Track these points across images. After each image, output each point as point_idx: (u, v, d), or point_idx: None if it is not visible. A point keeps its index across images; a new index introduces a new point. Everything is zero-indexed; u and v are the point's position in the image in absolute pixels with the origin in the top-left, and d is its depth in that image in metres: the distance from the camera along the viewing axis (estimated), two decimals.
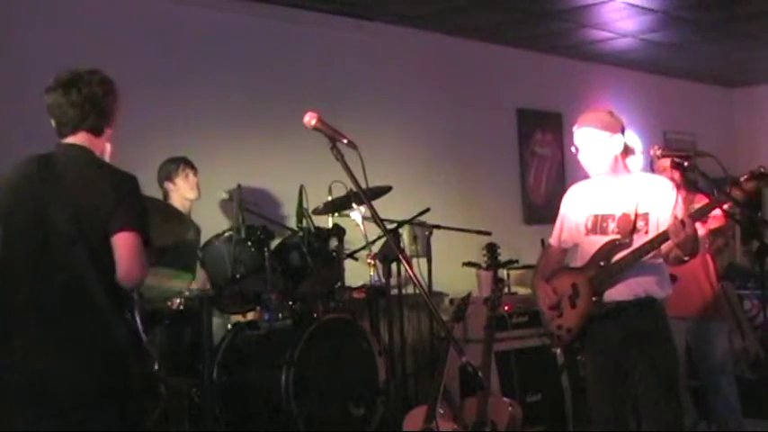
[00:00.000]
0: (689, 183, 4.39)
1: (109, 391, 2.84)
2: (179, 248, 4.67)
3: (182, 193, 4.99)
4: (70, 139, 2.98)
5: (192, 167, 5.04)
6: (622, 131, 3.82)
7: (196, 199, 5.04)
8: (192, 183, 5.01)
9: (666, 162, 4.38)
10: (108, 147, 3.07)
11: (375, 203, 3.12)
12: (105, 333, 2.84)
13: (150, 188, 4.66)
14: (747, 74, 9.24)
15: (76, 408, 2.81)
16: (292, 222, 5.14)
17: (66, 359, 2.81)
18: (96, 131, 3.00)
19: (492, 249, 5.66)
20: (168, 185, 4.99)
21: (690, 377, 4.89)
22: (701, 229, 4.40)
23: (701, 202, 4.22)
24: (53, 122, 3.00)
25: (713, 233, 4.63)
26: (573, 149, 3.87)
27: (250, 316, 4.85)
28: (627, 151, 3.86)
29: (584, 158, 3.84)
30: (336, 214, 5.26)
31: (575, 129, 3.86)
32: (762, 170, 3.62)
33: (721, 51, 8.13)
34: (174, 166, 5.00)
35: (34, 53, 4.97)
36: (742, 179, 3.66)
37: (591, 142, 3.79)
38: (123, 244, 2.82)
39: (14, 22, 4.97)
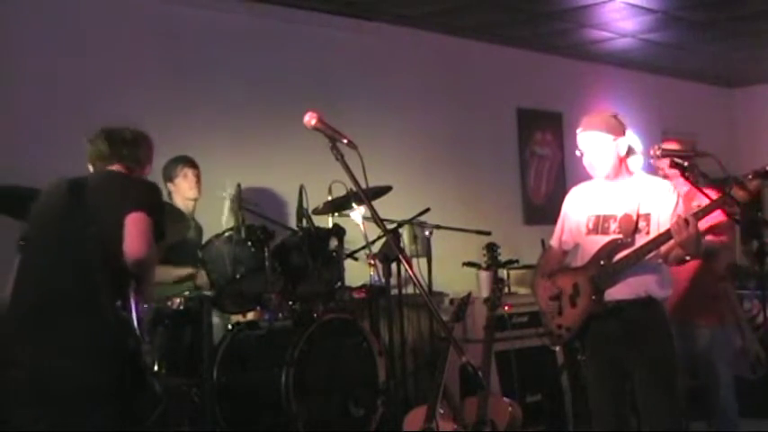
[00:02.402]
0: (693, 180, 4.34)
1: (108, 389, 2.89)
2: (181, 246, 4.69)
3: (182, 192, 5.00)
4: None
5: (192, 166, 5.04)
6: (625, 133, 3.82)
7: (196, 198, 5.04)
8: (190, 182, 5.01)
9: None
10: None
11: (375, 203, 3.12)
12: (105, 333, 2.90)
13: None
14: (747, 74, 9.24)
15: (75, 406, 2.84)
16: (292, 222, 5.14)
17: (67, 358, 2.86)
18: (129, 170, 3.28)
19: (492, 249, 5.67)
20: (170, 186, 5.01)
21: (690, 377, 4.84)
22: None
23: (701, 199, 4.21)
24: (90, 168, 3.32)
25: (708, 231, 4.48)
26: (577, 153, 3.86)
27: (250, 316, 4.85)
28: (628, 152, 3.86)
29: (588, 162, 3.84)
30: (336, 214, 5.26)
31: (579, 131, 3.85)
32: (766, 169, 3.60)
33: (721, 51, 8.13)
34: (173, 165, 5.01)
35: (33, 53, 4.97)
36: (746, 178, 3.64)
37: (595, 146, 3.79)
38: (131, 222, 2.97)
39: (14, 21, 4.97)
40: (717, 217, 3.98)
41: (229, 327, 4.73)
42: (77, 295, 2.95)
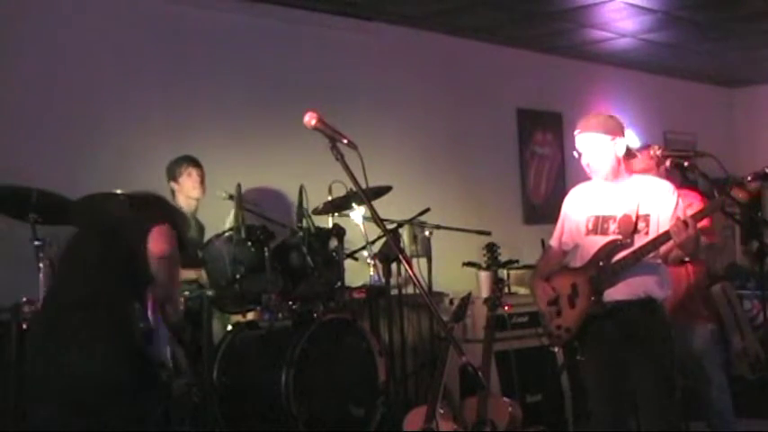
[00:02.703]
0: (683, 180, 4.35)
1: (123, 388, 3.05)
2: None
3: (185, 192, 5.00)
4: None
5: (196, 165, 5.04)
6: (623, 134, 3.82)
7: (200, 197, 5.04)
8: (194, 181, 5.01)
9: (646, 162, 4.33)
10: None
11: (375, 203, 3.12)
12: (121, 334, 3.10)
13: (152, 187, 4.66)
14: (747, 74, 9.24)
15: (91, 404, 2.98)
16: (292, 222, 5.14)
17: (84, 357, 3.02)
18: None
19: (492, 249, 5.67)
20: (173, 185, 5.01)
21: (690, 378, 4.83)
22: None
23: (689, 197, 4.21)
24: None
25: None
26: (575, 154, 3.86)
27: (250, 316, 4.85)
28: (629, 154, 3.85)
29: (586, 163, 3.83)
30: (336, 214, 5.26)
31: (576, 133, 3.85)
32: (766, 171, 3.61)
33: (721, 51, 8.13)
34: (177, 164, 5.02)
35: (33, 53, 4.97)
36: (746, 180, 3.65)
37: (593, 147, 3.78)
38: (156, 230, 3.31)
39: (14, 20, 4.97)
40: (702, 221, 3.98)
41: (229, 327, 4.74)
42: (98, 298, 3.12)
